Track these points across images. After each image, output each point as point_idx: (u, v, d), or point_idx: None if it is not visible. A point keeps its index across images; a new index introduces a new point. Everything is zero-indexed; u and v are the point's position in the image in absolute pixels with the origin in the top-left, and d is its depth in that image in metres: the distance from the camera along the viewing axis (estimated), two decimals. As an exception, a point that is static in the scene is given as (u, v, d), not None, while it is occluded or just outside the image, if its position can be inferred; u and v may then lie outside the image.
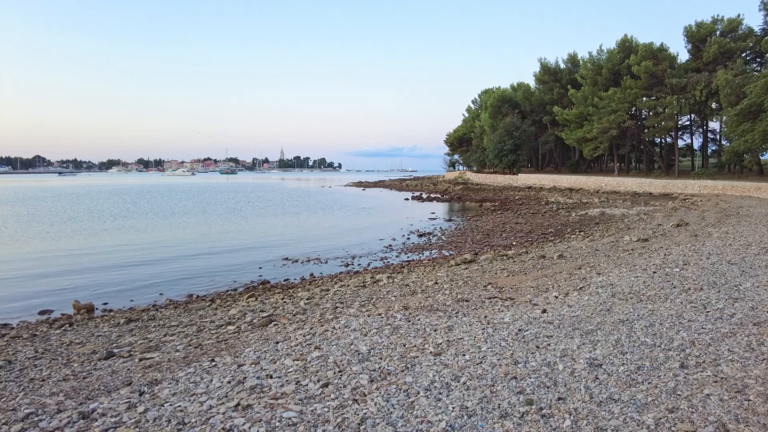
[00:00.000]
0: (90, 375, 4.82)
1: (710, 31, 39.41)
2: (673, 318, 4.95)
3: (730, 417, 2.96)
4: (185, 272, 12.10)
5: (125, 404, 3.52)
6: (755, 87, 30.11)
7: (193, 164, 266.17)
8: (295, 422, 3.09)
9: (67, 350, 6.04)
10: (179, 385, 3.89)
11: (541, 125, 58.01)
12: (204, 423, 3.13)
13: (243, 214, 29.42)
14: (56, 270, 12.42)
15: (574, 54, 55.29)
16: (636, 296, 5.92)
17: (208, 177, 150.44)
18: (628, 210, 23.08)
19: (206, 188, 67.38)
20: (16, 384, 4.70)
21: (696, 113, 44.26)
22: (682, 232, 12.89)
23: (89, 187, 71.68)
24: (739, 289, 6.04)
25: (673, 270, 7.41)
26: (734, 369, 3.64)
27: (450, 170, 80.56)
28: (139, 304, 9.14)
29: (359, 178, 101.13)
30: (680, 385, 3.42)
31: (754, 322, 4.69)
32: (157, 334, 6.59)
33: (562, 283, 7.22)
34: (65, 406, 3.65)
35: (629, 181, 38.69)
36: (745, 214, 16.38)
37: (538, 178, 48.16)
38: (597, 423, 2.95)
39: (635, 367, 3.75)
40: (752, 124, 30.69)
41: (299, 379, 3.81)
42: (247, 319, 7.02)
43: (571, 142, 50.15)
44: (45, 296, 9.74)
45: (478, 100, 71.09)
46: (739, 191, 28.07)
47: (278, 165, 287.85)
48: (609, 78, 45.62)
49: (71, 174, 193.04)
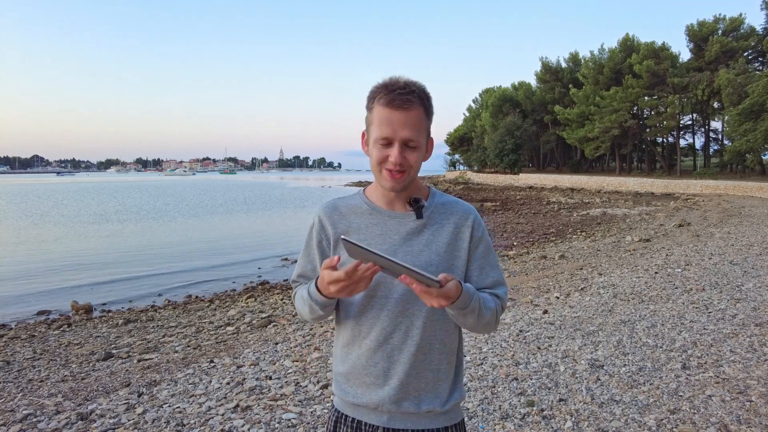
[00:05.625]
0: (88, 376, 4.80)
1: (712, 30, 39.37)
2: (674, 319, 4.92)
3: (732, 418, 2.93)
4: (184, 272, 12.07)
5: (124, 405, 3.50)
6: (757, 86, 30.07)
7: (192, 164, 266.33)
8: (295, 424, 3.07)
9: (65, 351, 6.03)
10: (178, 386, 3.87)
11: (543, 125, 57.93)
12: (203, 424, 3.11)
13: (242, 213, 29.43)
14: (55, 270, 12.41)
15: (576, 53, 55.29)
16: (638, 297, 5.89)
17: (207, 177, 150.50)
18: (630, 210, 23.05)
19: (206, 188, 67.46)
20: (14, 385, 4.68)
21: (698, 113, 44.23)
22: (684, 232, 12.86)
23: (89, 186, 71.79)
24: (741, 289, 6.02)
25: (675, 270, 7.38)
26: (736, 370, 3.62)
27: (451, 170, 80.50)
28: (138, 304, 9.11)
29: (359, 178, 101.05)
30: (682, 386, 3.39)
31: (756, 323, 4.67)
32: (156, 335, 6.57)
33: (564, 283, 7.19)
34: (64, 407, 3.63)
35: (631, 181, 38.64)
36: (748, 214, 16.34)
37: (540, 178, 48.12)
38: (598, 424, 2.92)
39: (637, 368, 3.73)
40: (754, 124, 30.64)
41: (299, 380, 3.79)
42: (246, 320, 7.01)
43: (572, 141, 50.12)
44: (43, 297, 9.72)
45: (479, 99, 71.01)
46: (741, 191, 28.01)
47: (278, 165, 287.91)
48: (610, 77, 45.57)
49: (69, 174, 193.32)
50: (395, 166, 1.17)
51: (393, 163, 1.16)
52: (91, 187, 69.58)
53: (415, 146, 1.18)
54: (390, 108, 1.15)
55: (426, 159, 1.26)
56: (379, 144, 1.18)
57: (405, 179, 1.19)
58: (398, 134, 1.15)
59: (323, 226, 1.29)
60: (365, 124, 1.25)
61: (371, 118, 1.20)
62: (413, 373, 1.21)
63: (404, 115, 1.15)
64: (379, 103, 1.17)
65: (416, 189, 1.28)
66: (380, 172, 1.20)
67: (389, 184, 1.19)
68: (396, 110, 1.14)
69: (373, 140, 1.20)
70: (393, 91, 1.15)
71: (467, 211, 1.29)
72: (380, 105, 1.16)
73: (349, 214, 1.28)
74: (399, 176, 1.18)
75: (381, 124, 1.16)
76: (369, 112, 1.21)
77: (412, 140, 1.16)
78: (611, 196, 33.16)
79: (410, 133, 1.15)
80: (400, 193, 1.25)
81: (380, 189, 1.27)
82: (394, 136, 1.15)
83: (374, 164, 1.21)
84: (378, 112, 1.17)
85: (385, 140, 1.16)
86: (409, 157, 1.17)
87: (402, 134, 1.15)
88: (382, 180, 1.21)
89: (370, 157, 1.22)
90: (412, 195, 1.26)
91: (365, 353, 1.23)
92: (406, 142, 1.16)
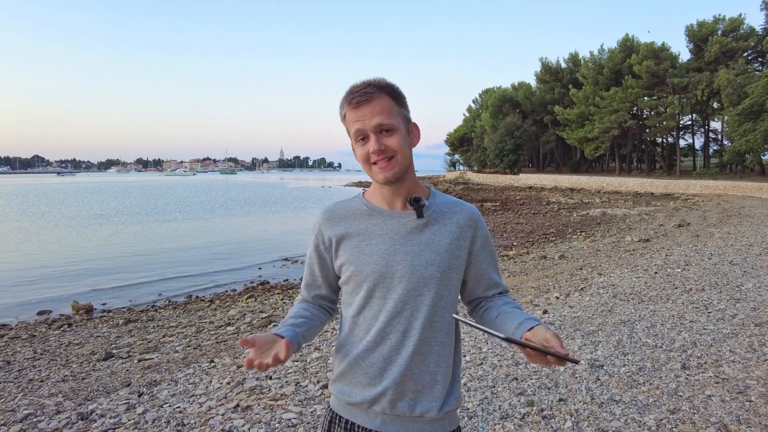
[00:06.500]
0: (89, 376, 4.80)
1: (712, 30, 39.36)
2: (674, 319, 4.93)
3: (732, 418, 2.94)
4: (184, 273, 12.08)
5: (124, 405, 3.50)
6: (757, 87, 30.07)
7: (192, 164, 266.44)
8: (295, 423, 3.08)
9: (65, 351, 6.03)
10: (178, 386, 3.88)
11: (542, 125, 57.93)
12: (203, 424, 3.12)
13: (243, 213, 29.43)
14: (55, 270, 12.41)
15: (576, 53, 55.25)
16: (637, 297, 5.90)
17: (208, 177, 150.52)
18: (630, 210, 23.05)
19: (207, 188, 67.44)
20: (14, 385, 4.69)
21: (697, 113, 44.22)
22: (684, 232, 12.86)
23: (89, 186, 71.77)
24: (740, 289, 6.02)
25: (675, 270, 7.38)
26: (736, 370, 3.62)
27: (450, 170, 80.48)
28: (138, 304, 9.12)
29: (359, 178, 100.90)
30: (682, 386, 3.40)
31: (756, 323, 4.67)
32: (156, 335, 6.58)
33: (564, 283, 7.20)
34: (64, 407, 3.64)
35: (630, 181, 38.62)
36: (747, 215, 16.35)
37: (539, 178, 48.10)
38: (598, 424, 2.93)
39: (636, 368, 3.73)
40: (754, 124, 30.64)
41: (299, 380, 3.80)
42: (246, 320, 7.01)
43: (572, 141, 50.10)
44: (43, 297, 9.72)
45: (479, 99, 70.99)
46: (740, 191, 28.00)
47: (278, 165, 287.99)
48: (610, 77, 45.56)
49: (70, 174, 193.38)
50: (377, 154, 1.19)
51: (373, 151, 1.19)
52: (91, 188, 69.59)
53: (389, 129, 1.20)
54: (354, 106, 1.20)
55: (414, 145, 1.28)
56: (359, 143, 1.22)
57: (394, 165, 1.20)
58: (368, 124, 1.19)
59: (321, 231, 1.30)
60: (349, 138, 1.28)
61: (347, 126, 1.25)
62: (409, 373, 1.21)
63: (368, 107, 1.18)
64: (345, 109, 1.22)
65: (416, 189, 1.28)
66: (370, 170, 1.23)
67: (381, 175, 1.21)
68: (359, 106, 1.19)
69: (353, 143, 1.24)
70: (353, 93, 1.20)
71: (470, 212, 1.29)
72: (347, 110, 1.22)
73: (348, 216, 1.29)
74: (386, 164, 1.20)
75: (352, 124, 1.21)
76: (343, 122, 1.26)
77: (383, 124, 1.19)
78: (611, 196, 33.15)
79: (379, 118, 1.19)
80: (398, 189, 1.25)
81: (379, 190, 1.28)
82: (364, 127, 1.19)
83: (362, 164, 1.24)
84: (348, 116, 1.22)
85: (360, 134, 1.20)
86: (388, 142, 1.20)
87: (371, 123, 1.19)
88: (375, 175, 1.23)
89: (358, 161, 1.26)
90: (412, 194, 1.26)
91: (362, 352, 1.23)
92: (379, 129, 1.19)
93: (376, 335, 1.22)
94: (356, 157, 1.26)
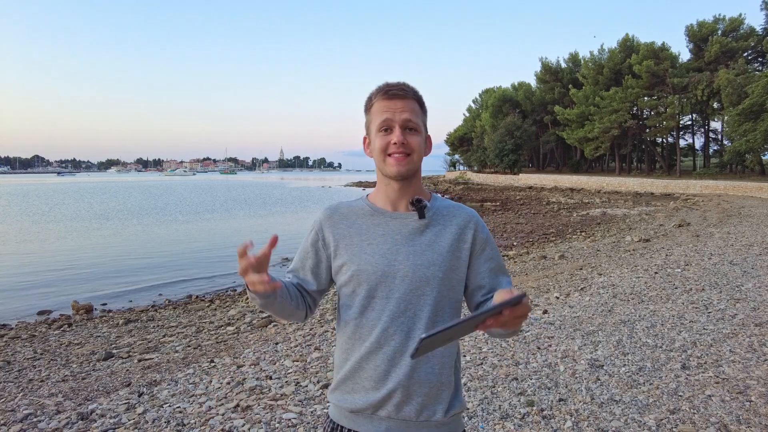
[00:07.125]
0: (89, 376, 4.80)
1: (712, 30, 39.36)
2: (674, 319, 4.93)
3: (732, 418, 2.94)
4: (184, 272, 12.07)
5: (124, 405, 3.50)
6: (757, 87, 30.07)
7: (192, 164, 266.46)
8: (295, 423, 3.08)
9: (66, 351, 6.03)
10: (178, 386, 3.88)
11: (542, 125, 57.94)
12: (203, 424, 3.12)
13: (243, 213, 29.42)
14: (55, 270, 12.41)
15: (576, 53, 55.26)
16: (637, 297, 5.90)
17: (208, 177, 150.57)
18: (630, 210, 23.05)
19: (207, 188, 67.46)
20: (14, 385, 4.69)
21: (698, 113, 44.22)
22: (684, 232, 12.86)
23: (90, 186, 71.79)
24: (740, 289, 6.02)
25: (675, 270, 7.38)
26: (736, 370, 3.62)
27: (450, 170, 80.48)
28: (138, 304, 9.11)
29: (359, 178, 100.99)
30: (682, 386, 3.40)
31: (756, 323, 4.67)
32: (156, 335, 6.58)
33: (564, 283, 7.19)
34: (64, 407, 3.64)
35: (630, 181, 38.63)
36: (747, 215, 16.35)
37: (539, 178, 48.11)
38: (598, 424, 2.93)
39: (637, 368, 3.73)
40: (754, 124, 30.64)
41: (299, 380, 3.80)
42: (246, 320, 7.01)
43: (572, 141, 50.10)
44: (43, 297, 9.71)
45: (479, 99, 71.01)
46: (740, 191, 28.00)
47: (278, 165, 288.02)
48: (610, 77, 45.56)
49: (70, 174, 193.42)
50: (399, 147, 1.21)
51: (396, 143, 1.21)
52: (91, 187, 69.58)
53: (414, 128, 1.23)
54: (389, 97, 1.23)
55: (426, 154, 1.30)
56: (381, 132, 1.23)
57: (409, 162, 1.22)
58: (398, 117, 1.22)
59: (322, 228, 1.30)
60: (365, 129, 1.30)
61: (371, 116, 1.26)
62: (415, 375, 1.19)
63: (402, 102, 1.22)
64: (377, 99, 1.24)
65: (419, 191, 1.29)
66: (384, 161, 1.24)
67: (395, 168, 1.22)
68: (393, 98, 1.22)
69: (375, 131, 1.25)
70: (390, 86, 1.24)
71: (470, 215, 1.30)
72: (378, 100, 1.24)
73: (350, 216, 1.29)
74: (403, 159, 1.22)
75: (381, 113, 1.23)
76: (368, 112, 1.27)
77: (411, 121, 1.22)
78: (611, 196, 33.15)
79: (409, 114, 1.22)
80: (403, 190, 1.25)
81: (384, 191, 1.28)
82: (393, 118, 1.22)
83: (378, 153, 1.24)
84: (377, 106, 1.24)
85: (386, 125, 1.22)
86: (410, 140, 1.22)
87: (401, 116, 1.22)
88: (387, 167, 1.23)
89: (373, 150, 1.26)
90: (414, 196, 1.27)
91: (366, 354, 1.21)
92: (407, 124, 1.22)
93: (380, 336, 1.21)
94: (371, 147, 1.28)
